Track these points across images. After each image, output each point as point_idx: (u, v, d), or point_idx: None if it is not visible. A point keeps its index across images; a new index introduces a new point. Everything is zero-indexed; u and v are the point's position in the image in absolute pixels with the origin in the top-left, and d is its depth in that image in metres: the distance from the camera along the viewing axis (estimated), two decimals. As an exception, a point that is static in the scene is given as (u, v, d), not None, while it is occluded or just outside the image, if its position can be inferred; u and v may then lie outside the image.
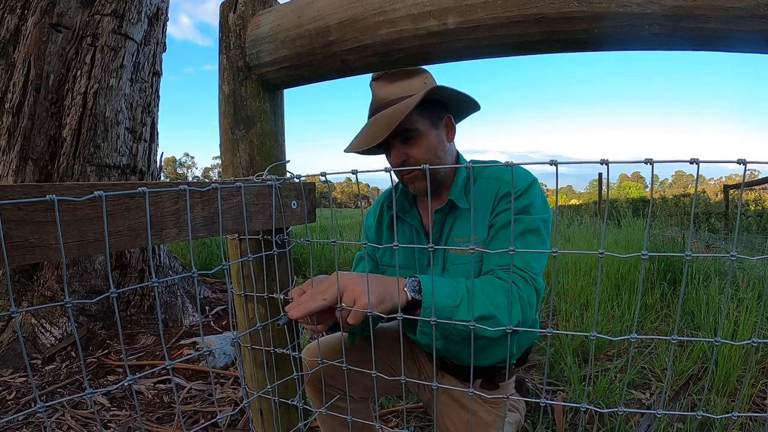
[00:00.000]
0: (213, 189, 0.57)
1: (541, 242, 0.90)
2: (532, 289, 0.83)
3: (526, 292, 0.82)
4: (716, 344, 0.46)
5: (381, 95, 0.94)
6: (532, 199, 0.90)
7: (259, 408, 0.77)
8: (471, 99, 0.96)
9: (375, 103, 0.95)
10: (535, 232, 0.89)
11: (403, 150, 0.92)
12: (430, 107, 0.93)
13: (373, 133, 0.89)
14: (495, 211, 0.93)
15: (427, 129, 0.93)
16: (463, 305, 0.73)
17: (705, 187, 28.04)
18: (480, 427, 1.02)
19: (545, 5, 0.49)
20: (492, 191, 0.93)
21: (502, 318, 0.75)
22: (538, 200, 0.91)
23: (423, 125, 0.92)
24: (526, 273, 0.84)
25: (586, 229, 4.27)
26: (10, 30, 2.11)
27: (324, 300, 0.66)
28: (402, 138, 0.92)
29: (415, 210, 1.04)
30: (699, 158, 0.41)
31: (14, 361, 1.92)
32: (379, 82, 0.94)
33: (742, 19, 0.43)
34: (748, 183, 8.42)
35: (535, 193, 0.91)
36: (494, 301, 0.76)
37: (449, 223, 0.99)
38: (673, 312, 2.36)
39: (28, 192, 0.41)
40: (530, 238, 0.88)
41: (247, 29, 0.70)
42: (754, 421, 1.38)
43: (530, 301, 0.82)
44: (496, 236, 0.90)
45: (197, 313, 2.43)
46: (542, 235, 0.90)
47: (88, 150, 2.22)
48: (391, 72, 0.94)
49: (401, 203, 1.05)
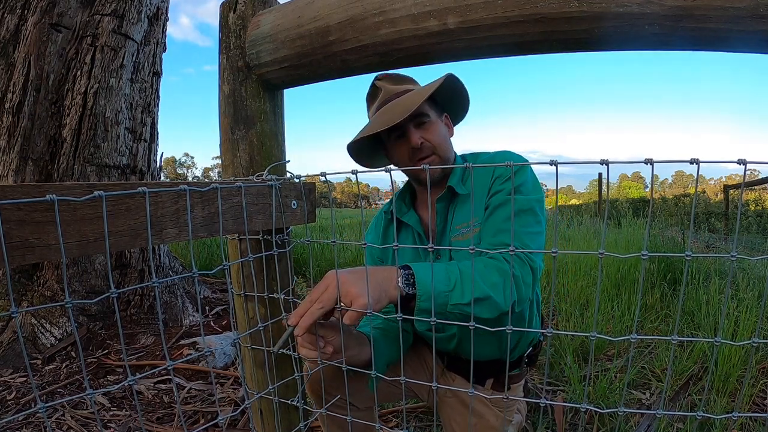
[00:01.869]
0: (213, 189, 0.57)
1: (536, 222, 0.90)
2: (527, 268, 0.82)
3: (521, 270, 0.81)
4: (716, 344, 0.46)
5: (389, 90, 0.98)
6: (524, 179, 0.91)
7: (259, 408, 0.77)
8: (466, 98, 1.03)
9: (383, 97, 0.98)
10: (529, 212, 0.89)
11: (419, 133, 0.95)
12: (433, 104, 0.98)
13: (386, 119, 0.89)
14: (490, 192, 0.94)
15: (436, 119, 0.98)
16: (456, 288, 0.72)
17: (705, 187, 28.03)
18: (486, 431, 1.02)
19: (545, 5, 0.49)
20: (487, 174, 0.95)
21: (497, 297, 0.74)
22: (529, 180, 0.93)
23: (433, 115, 0.97)
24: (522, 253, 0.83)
25: (586, 229, 4.27)
26: (10, 30, 2.11)
27: (321, 308, 0.65)
28: (416, 123, 0.95)
29: (412, 211, 1.05)
30: (699, 158, 0.41)
31: (14, 361, 1.92)
32: (385, 81, 0.99)
33: (742, 19, 0.43)
34: (748, 183, 8.42)
35: (527, 174, 0.93)
36: (488, 281, 0.75)
37: (451, 211, 1.00)
38: (673, 312, 2.36)
39: (28, 192, 0.41)
40: (525, 218, 0.89)
41: (247, 29, 0.70)
42: (754, 421, 1.38)
43: (525, 279, 0.81)
44: (491, 216, 0.91)
45: (197, 313, 2.43)
46: (537, 215, 0.90)
47: (88, 150, 2.22)
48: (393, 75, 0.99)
49: (399, 206, 1.06)
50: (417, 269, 0.71)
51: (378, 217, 1.15)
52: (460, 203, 0.99)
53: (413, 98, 0.90)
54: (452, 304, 0.71)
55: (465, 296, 0.71)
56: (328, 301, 0.65)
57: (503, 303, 0.75)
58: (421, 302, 0.68)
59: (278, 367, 0.75)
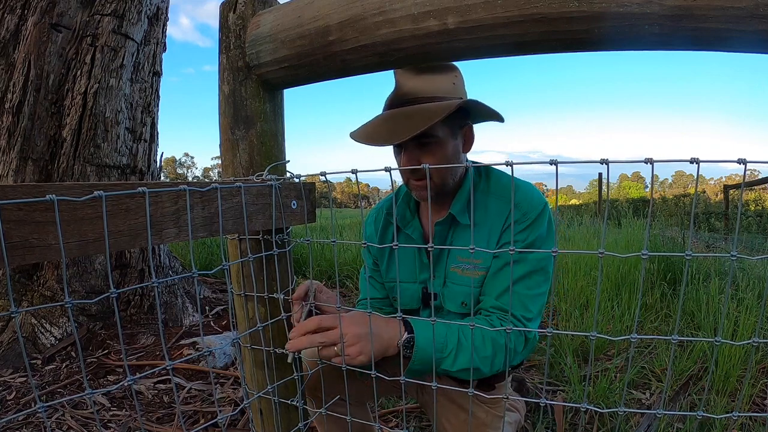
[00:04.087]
0: (213, 189, 0.57)
1: (544, 281, 0.88)
2: (522, 338, 0.85)
3: (515, 342, 0.84)
4: (716, 344, 0.46)
5: (405, 88, 0.86)
6: (541, 230, 0.87)
7: (259, 408, 0.77)
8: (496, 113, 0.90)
9: (396, 95, 0.87)
10: (541, 272, 0.86)
11: (416, 155, 0.87)
12: (453, 115, 0.84)
13: (389, 131, 0.83)
14: (502, 240, 0.89)
15: (446, 137, 0.87)
16: (449, 357, 0.76)
17: (705, 187, 28.00)
18: (478, 428, 1.02)
19: (545, 5, 0.49)
20: (501, 213, 0.89)
21: (484, 369, 0.80)
22: (546, 231, 0.88)
23: (443, 133, 0.86)
24: (520, 322, 0.85)
25: (586, 229, 4.27)
26: (10, 30, 2.11)
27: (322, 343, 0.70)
28: (418, 142, 0.86)
29: (416, 221, 1.01)
30: (699, 158, 0.41)
31: (14, 361, 1.92)
32: (404, 72, 0.86)
33: (742, 19, 0.43)
34: (748, 183, 8.41)
35: (545, 222, 0.88)
36: (481, 355, 0.79)
37: (450, 238, 0.95)
38: (673, 312, 2.36)
39: (28, 192, 0.41)
40: (535, 278, 0.86)
41: (247, 29, 0.70)
42: (754, 421, 1.38)
43: (517, 348, 0.85)
44: (501, 271, 0.87)
45: (197, 313, 2.43)
46: (547, 273, 0.87)
47: (88, 150, 2.22)
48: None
49: (402, 213, 1.00)
50: (418, 336, 0.74)
51: (378, 210, 1.10)
52: (461, 232, 0.93)
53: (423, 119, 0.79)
54: (441, 369, 0.76)
55: (455, 365, 0.76)
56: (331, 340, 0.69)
57: (488, 372, 0.81)
58: (414, 365, 0.74)
59: (278, 367, 0.75)
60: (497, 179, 0.94)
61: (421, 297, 1.01)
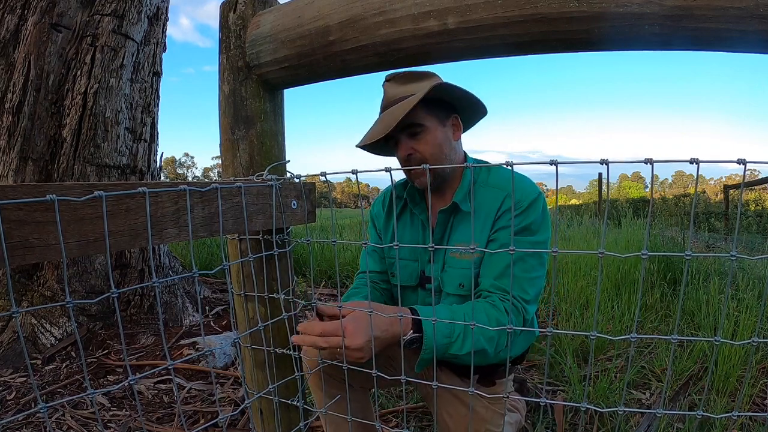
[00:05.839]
0: (213, 189, 0.57)
1: (540, 264, 0.92)
2: (521, 319, 0.88)
3: (515, 323, 0.87)
4: (716, 344, 0.46)
5: (390, 94, 0.98)
6: (534, 217, 0.92)
7: (260, 408, 0.77)
8: (476, 99, 0.98)
9: (384, 102, 0.99)
10: (535, 255, 0.91)
11: (409, 144, 0.96)
12: (438, 106, 0.96)
13: (380, 128, 0.93)
14: (495, 226, 0.95)
15: (434, 125, 0.96)
16: (457, 342, 0.79)
17: (705, 187, 28.01)
18: (478, 423, 1.02)
19: (545, 5, 0.49)
20: (495, 201, 0.95)
21: (490, 350, 0.83)
22: (540, 217, 0.93)
23: (429, 122, 0.95)
24: (519, 303, 0.88)
25: (586, 229, 4.27)
26: (10, 30, 2.11)
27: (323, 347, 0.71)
28: (408, 133, 0.95)
29: (424, 204, 1.07)
30: (699, 158, 0.41)
31: (14, 361, 1.92)
32: (391, 83, 0.99)
33: (742, 19, 0.43)
34: (748, 183, 8.42)
35: (539, 210, 0.93)
36: (486, 335, 0.82)
37: (451, 225, 1.01)
38: (673, 312, 2.36)
39: (28, 192, 0.41)
40: (530, 261, 0.91)
41: (247, 29, 0.70)
42: (754, 421, 1.38)
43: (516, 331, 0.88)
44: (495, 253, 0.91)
45: (197, 313, 2.43)
46: (542, 257, 0.93)
47: (88, 150, 2.21)
48: (402, 74, 0.98)
49: (413, 194, 1.06)
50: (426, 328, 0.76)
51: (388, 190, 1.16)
52: (462, 220, 1.00)
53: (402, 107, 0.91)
54: (450, 353, 0.79)
55: (463, 348, 0.79)
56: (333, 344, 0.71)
57: (493, 356, 0.84)
58: (425, 354, 0.76)
59: (278, 366, 0.75)
60: (497, 171, 1.03)
61: (419, 276, 1.06)
